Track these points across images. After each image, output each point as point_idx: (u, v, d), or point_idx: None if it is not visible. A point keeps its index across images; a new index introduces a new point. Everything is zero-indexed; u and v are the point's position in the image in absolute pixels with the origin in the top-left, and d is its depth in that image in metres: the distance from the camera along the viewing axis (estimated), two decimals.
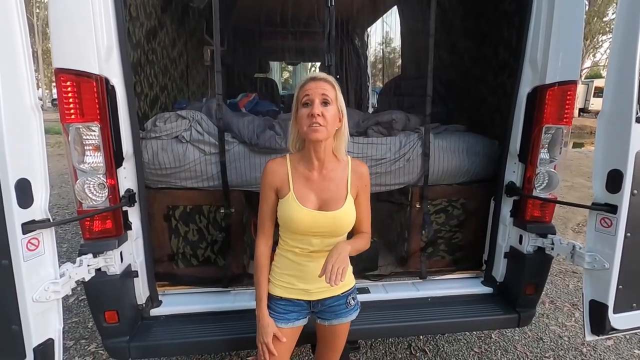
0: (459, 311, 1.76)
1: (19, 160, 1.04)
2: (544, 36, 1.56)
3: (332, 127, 1.18)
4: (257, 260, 1.29)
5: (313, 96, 1.14)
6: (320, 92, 1.14)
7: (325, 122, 1.14)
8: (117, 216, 1.45)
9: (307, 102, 1.16)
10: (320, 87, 1.15)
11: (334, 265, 1.08)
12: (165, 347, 1.56)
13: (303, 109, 1.16)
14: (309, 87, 1.16)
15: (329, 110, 1.15)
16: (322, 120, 1.13)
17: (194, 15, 2.78)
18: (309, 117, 1.14)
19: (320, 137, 1.15)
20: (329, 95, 1.15)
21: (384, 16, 3.68)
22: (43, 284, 1.12)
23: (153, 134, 1.69)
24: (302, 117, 1.16)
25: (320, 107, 1.14)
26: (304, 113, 1.15)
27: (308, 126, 1.15)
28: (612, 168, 1.34)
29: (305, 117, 1.15)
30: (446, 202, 1.99)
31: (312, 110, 1.13)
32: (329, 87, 1.17)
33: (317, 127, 1.13)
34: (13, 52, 1.02)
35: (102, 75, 1.32)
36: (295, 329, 1.31)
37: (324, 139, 1.17)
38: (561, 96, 1.58)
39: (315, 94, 1.14)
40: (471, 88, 2.37)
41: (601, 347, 2.37)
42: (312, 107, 1.14)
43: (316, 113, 1.12)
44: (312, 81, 1.17)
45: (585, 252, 1.44)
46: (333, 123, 1.17)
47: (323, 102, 1.15)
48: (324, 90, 1.15)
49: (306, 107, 1.16)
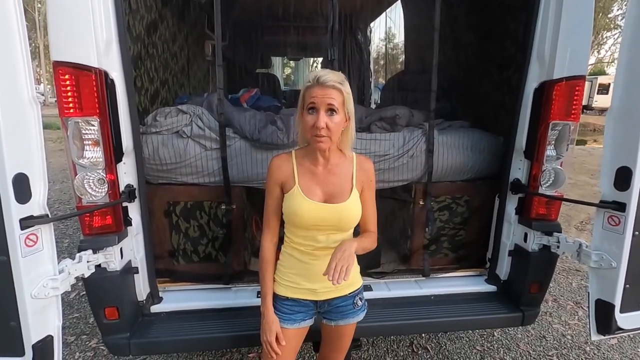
0: (463, 309, 1.75)
1: (16, 155, 1.02)
2: (552, 30, 1.53)
3: (337, 133, 1.15)
4: (262, 255, 1.27)
5: (319, 105, 1.10)
6: (326, 101, 1.10)
7: (330, 132, 1.12)
8: (117, 212, 1.43)
9: (312, 108, 1.12)
10: (327, 95, 1.10)
11: (338, 264, 1.06)
12: (166, 344, 1.56)
13: (308, 115, 1.13)
14: (316, 93, 1.10)
15: (334, 119, 1.12)
16: (326, 132, 1.11)
17: (195, 8, 2.75)
18: (314, 128, 1.11)
19: (324, 147, 1.15)
20: (335, 103, 1.11)
21: (387, 10, 3.64)
22: (42, 281, 1.11)
23: (153, 129, 1.67)
24: (306, 124, 1.13)
25: (325, 118, 1.10)
26: (309, 120, 1.12)
27: (312, 135, 1.13)
28: (621, 165, 1.31)
29: (310, 126, 1.12)
30: (450, 199, 1.97)
31: (317, 122, 1.10)
32: (336, 94, 1.11)
33: (322, 138, 1.12)
34: (10, 45, 1.00)
35: (101, 69, 1.30)
36: (301, 330, 1.29)
37: (328, 147, 1.16)
38: (569, 91, 1.55)
39: (321, 102, 1.10)
40: (476, 83, 2.34)
41: (605, 345, 2.35)
42: (317, 116, 1.10)
43: (321, 126, 1.10)
44: (319, 87, 1.10)
45: (592, 251, 1.42)
46: (338, 130, 1.15)
47: (329, 109, 1.11)
48: (330, 100, 1.10)
49: (311, 114, 1.12)
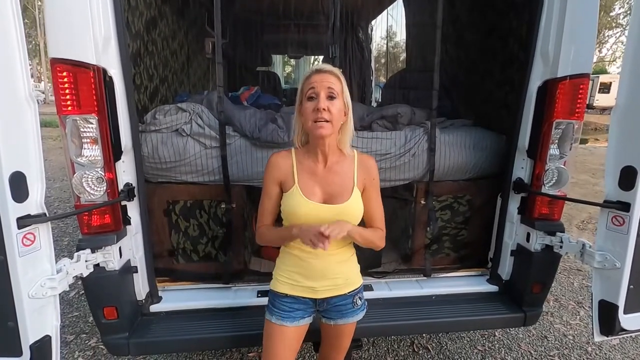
0: (464, 309, 1.73)
1: (13, 153, 1.01)
2: (556, 27, 1.51)
3: (338, 121, 1.15)
4: (261, 233, 1.26)
5: (319, 89, 1.11)
6: (326, 85, 1.11)
7: (331, 116, 1.11)
8: (116, 211, 1.42)
9: (312, 96, 1.12)
10: (326, 80, 1.11)
11: (329, 226, 1.06)
12: (165, 344, 1.55)
13: (308, 102, 1.13)
14: (315, 79, 1.12)
15: (335, 105, 1.12)
16: (328, 115, 1.10)
17: (195, 5, 2.73)
18: (315, 112, 1.11)
19: (325, 133, 1.12)
20: (335, 89, 1.12)
21: (388, 8, 3.61)
22: (39, 280, 1.10)
23: (153, 127, 1.66)
24: (307, 111, 1.13)
25: (326, 102, 1.10)
26: (309, 107, 1.12)
27: (313, 121, 1.12)
28: (625, 164, 1.29)
29: (311, 111, 1.11)
30: (452, 199, 1.95)
31: (318, 104, 1.10)
32: (335, 80, 1.13)
33: (323, 122, 1.10)
34: (7, 43, 0.98)
35: (99, 66, 1.28)
36: (301, 328, 1.28)
37: (329, 135, 1.14)
38: (573, 90, 1.53)
39: (321, 87, 1.11)
40: (478, 81, 2.32)
41: (607, 346, 2.34)
42: (317, 101, 1.10)
43: (322, 107, 1.09)
44: (317, 73, 1.13)
45: (596, 251, 1.40)
46: (339, 117, 1.14)
47: (329, 95, 1.11)
48: (330, 84, 1.11)
49: (311, 101, 1.12)
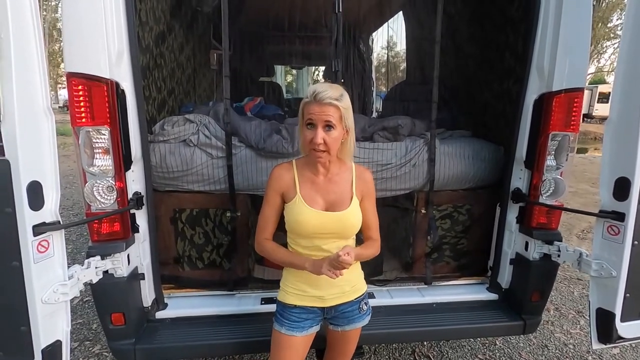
0: (464, 317, 1.76)
1: (31, 163, 1.05)
2: (550, 42, 1.56)
3: (335, 147, 1.19)
4: (263, 247, 1.28)
5: (316, 121, 1.15)
6: (323, 118, 1.14)
7: (328, 147, 1.16)
8: (125, 219, 1.46)
9: (310, 123, 1.16)
10: (324, 113, 1.13)
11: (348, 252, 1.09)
12: (171, 350, 1.57)
13: (307, 130, 1.17)
14: (313, 110, 1.14)
15: (332, 134, 1.16)
16: (324, 147, 1.16)
17: (202, 19, 2.81)
18: (312, 143, 1.16)
19: (322, 161, 1.21)
20: (333, 120, 1.14)
21: (389, 21, 3.70)
22: (52, 286, 1.13)
23: (161, 138, 1.71)
24: (305, 138, 1.18)
25: (323, 133, 1.15)
26: (307, 135, 1.17)
27: (310, 150, 1.18)
28: (619, 175, 1.34)
29: (309, 141, 1.17)
30: (452, 208, 1.99)
31: (315, 138, 1.14)
32: (333, 111, 1.14)
33: (320, 153, 1.17)
34: (27, 56, 1.03)
35: (112, 80, 1.34)
36: (309, 337, 1.31)
37: (327, 160, 1.22)
38: (568, 103, 1.58)
39: (318, 119, 1.14)
40: (477, 94, 2.37)
41: (607, 355, 2.35)
42: (314, 132, 1.15)
43: (318, 142, 1.14)
44: (317, 104, 1.13)
45: (592, 260, 1.43)
46: (336, 144, 1.19)
47: (326, 126, 1.15)
48: (327, 117, 1.14)
49: (310, 129, 1.17)
